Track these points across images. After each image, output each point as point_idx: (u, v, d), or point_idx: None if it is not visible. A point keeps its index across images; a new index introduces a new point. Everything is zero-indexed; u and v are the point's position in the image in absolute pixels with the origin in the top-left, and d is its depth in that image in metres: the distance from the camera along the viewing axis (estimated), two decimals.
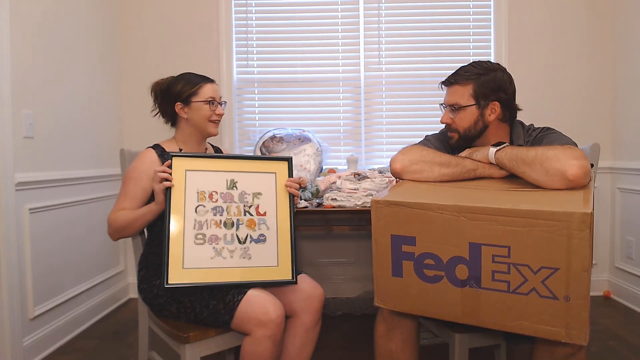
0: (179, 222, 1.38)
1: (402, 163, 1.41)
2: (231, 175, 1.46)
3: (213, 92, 1.61)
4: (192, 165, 1.43)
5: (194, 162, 1.44)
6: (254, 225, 1.44)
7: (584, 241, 1.01)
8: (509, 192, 1.24)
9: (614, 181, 2.86)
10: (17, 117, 1.95)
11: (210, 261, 1.38)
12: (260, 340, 1.32)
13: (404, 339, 1.35)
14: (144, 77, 2.89)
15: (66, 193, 2.29)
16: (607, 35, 2.84)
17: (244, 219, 1.44)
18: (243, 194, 1.45)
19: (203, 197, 1.41)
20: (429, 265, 1.18)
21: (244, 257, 1.41)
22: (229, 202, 1.44)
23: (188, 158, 1.43)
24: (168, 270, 1.33)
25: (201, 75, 1.65)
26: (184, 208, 1.39)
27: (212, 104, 1.61)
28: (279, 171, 1.50)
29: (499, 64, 1.49)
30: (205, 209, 1.41)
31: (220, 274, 1.38)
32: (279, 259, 1.44)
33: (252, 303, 1.35)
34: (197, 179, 1.42)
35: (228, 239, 1.41)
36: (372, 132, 2.94)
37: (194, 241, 1.38)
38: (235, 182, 1.45)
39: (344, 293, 2.96)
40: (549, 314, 1.07)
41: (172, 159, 1.41)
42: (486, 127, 1.46)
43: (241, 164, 1.48)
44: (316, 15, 2.92)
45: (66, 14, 2.34)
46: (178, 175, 1.40)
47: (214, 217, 1.41)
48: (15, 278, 1.93)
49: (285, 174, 1.50)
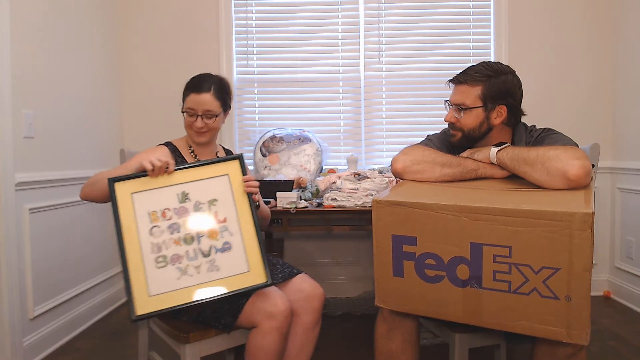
0: (135, 249, 1.30)
1: (403, 163, 1.41)
2: (181, 188, 1.36)
3: (194, 104, 1.56)
4: (137, 187, 1.34)
5: (138, 183, 1.35)
6: (216, 234, 1.35)
7: (585, 241, 1.01)
8: (510, 192, 1.24)
9: (614, 181, 2.86)
10: (17, 117, 1.95)
11: (176, 282, 1.29)
12: (268, 333, 1.33)
13: (404, 339, 1.34)
14: (144, 77, 2.91)
15: (66, 193, 2.29)
16: (607, 35, 2.84)
17: (204, 230, 1.34)
18: (198, 205, 1.36)
19: (156, 218, 1.33)
20: (430, 265, 1.18)
21: (211, 270, 1.32)
22: (185, 216, 1.35)
23: (131, 180, 1.35)
24: (133, 301, 1.26)
25: (199, 83, 1.59)
26: (137, 233, 1.31)
27: (190, 115, 1.58)
28: (231, 172, 1.40)
29: (509, 67, 1.46)
30: (161, 229, 1.33)
31: (189, 293, 1.29)
32: (249, 263, 1.34)
33: (261, 296, 1.36)
34: (146, 200, 1.34)
35: (191, 255, 1.32)
36: (372, 132, 2.94)
37: (155, 265, 1.30)
38: (187, 194, 1.36)
39: (344, 293, 2.96)
40: (550, 314, 1.07)
41: (115, 185, 1.33)
42: (490, 129, 1.46)
43: (189, 173, 1.38)
44: (316, 15, 2.92)
45: (66, 14, 2.34)
46: (124, 201, 1.33)
47: (172, 235, 1.33)
48: (15, 278, 1.93)
49: (238, 173, 1.40)
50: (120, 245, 1.30)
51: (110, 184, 1.33)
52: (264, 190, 2.13)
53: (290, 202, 2.12)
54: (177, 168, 1.38)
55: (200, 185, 1.38)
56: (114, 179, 1.34)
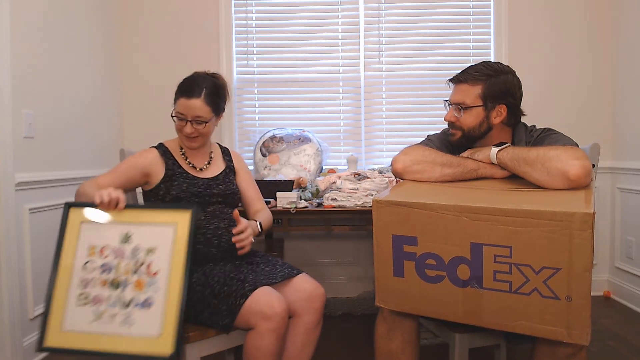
0: (65, 279, 1.30)
1: (403, 163, 1.41)
2: (127, 228, 1.33)
3: (184, 109, 1.53)
4: (87, 217, 1.34)
5: (91, 213, 1.34)
6: (141, 287, 1.29)
7: (585, 241, 1.01)
8: (511, 192, 1.24)
9: (614, 181, 2.86)
10: (17, 117, 1.95)
11: (88, 325, 1.26)
12: (265, 334, 1.32)
13: (404, 339, 1.34)
14: (144, 77, 2.91)
15: (66, 193, 2.28)
16: (607, 35, 2.84)
17: (132, 278, 1.29)
18: (136, 250, 1.31)
19: (93, 252, 1.31)
20: (430, 266, 1.18)
21: (125, 323, 1.27)
22: (120, 258, 1.31)
23: (86, 209, 1.34)
24: (46, 330, 1.24)
25: (190, 87, 1.54)
26: (72, 263, 1.30)
27: (180, 119, 1.55)
28: (180, 223, 1.32)
29: (510, 67, 1.47)
30: (94, 265, 1.31)
31: (96, 340, 1.25)
32: (162, 328, 1.26)
33: (258, 298, 1.35)
34: (91, 232, 1.33)
35: (112, 301, 1.28)
36: (372, 132, 2.94)
37: (76, 302, 1.28)
38: (129, 235, 1.32)
39: (344, 293, 2.96)
40: (550, 314, 1.07)
41: (70, 210, 1.33)
42: (490, 129, 1.46)
43: (139, 214, 1.35)
44: (316, 15, 2.92)
45: (66, 14, 2.34)
46: (73, 228, 1.33)
47: (102, 275, 1.30)
48: (15, 278, 1.93)
49: (186, 226, 1.31)
50: (54, 270, 1.31)
51: (66, 208, 1.34)
52: (264, 190, 2.13)
53: (290, 202, 2.12)
54: (129, 206, 1.36)
55: (145, 230, 1.33)
56: (70, 204, 1.35)
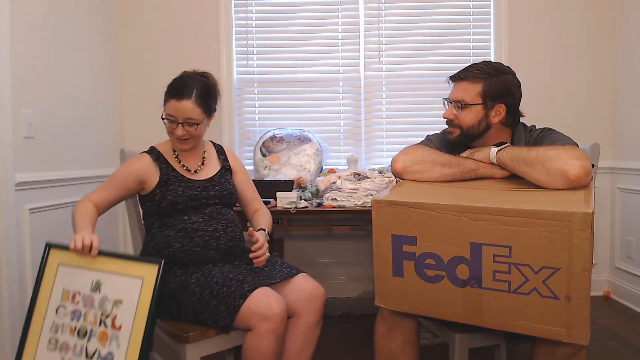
0: (39, 320, 1.31)
1: (403, 163, 1.41)
2: (98, 276, 1.32)
3: (174, 111, 1.50)
4: (65, 259, 1.33)
5: (69, 256, 1.33)
6: (105, 339, 1.27)
7: (585, 241, 1.01)
8: (510, 192, 1.24)
9: (614, 181, 2.86)
10: (17, 117, 1.95)
11: None
12: (264, 335, 1.32)
13: (404, 339, 1.34)
14: (144, 77, 2.91)
15: (66, 193, 2.29)
16: (607, 35, 2.84)
17: (98, 330, 1.28)
18: (104, 300, 1.30)
19: (67, 297, 1.32)
20: (429, 265, 1.18)
21: None
22: (89, 307, 1.30)
23: (66, 251, 1.33)
24: None
25: (180, 88, 1.52)
26: (47, 306, 1.31)
27: (170, 121, 1.52)
28: (146, 277, 1.29)
29: (510, 68, 1.47)
30: (65, 311, 1.31)
31: None
32: None
33: (256, 299, 1.35)
34: (67, 276, 1.33)
35: (77, 350, 1.28)
36: (372, 132, 2.94)
37: (47, 346, 1.30)
38: (100, 284, 1.31)
39: (344, 293, 2.96)
40: (550, 313, 1.07)
41: (50, 251, 1.34)
42: (488, 128, 1.46)
43: (111, 262, 1.33)
44: (316, 15, 2.92)
45: (66, 14, 2.34)
46: (51, 269, 1.33)
47: (71, 322, 1.30)
48: (15, 278, 1.93)
49: (152, 281, 1.28)
50: (30, 311, 1.31)
51: (46, 249, 1.35)
52: (264, 190, 2.13)
53: (290, 202, 2.12)
54: (103, 253, 1.34)
55: (114, 280, 1.31)
56: (51, 245, 1.35)
